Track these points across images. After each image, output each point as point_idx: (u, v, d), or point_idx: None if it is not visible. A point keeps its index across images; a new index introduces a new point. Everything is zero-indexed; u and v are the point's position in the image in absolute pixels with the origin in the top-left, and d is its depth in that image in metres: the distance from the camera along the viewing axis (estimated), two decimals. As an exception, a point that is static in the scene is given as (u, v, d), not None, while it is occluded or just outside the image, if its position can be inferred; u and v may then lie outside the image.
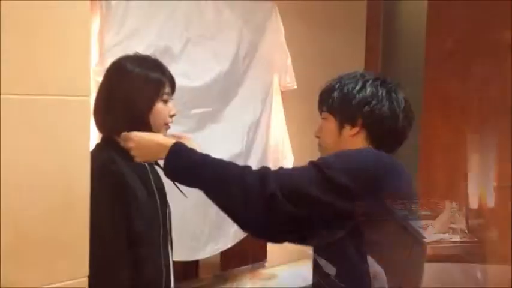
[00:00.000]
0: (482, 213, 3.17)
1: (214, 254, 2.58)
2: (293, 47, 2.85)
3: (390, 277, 1.48)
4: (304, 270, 2.08)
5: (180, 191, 1.59)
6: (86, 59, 1.33)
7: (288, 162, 2.85)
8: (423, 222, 1.77)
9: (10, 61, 1.19)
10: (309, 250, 1.65)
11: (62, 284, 1.29)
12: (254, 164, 2.64)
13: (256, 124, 2.71)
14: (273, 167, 2.74)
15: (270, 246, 2.91)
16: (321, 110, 1.65)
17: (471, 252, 3.04)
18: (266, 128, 2.76)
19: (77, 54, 1.30)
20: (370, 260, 1.47)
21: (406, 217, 1.54)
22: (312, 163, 1.47)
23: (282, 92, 2.86)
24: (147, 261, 1.61)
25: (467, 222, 3.15)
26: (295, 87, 2.84)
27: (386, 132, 1.57)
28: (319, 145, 1.64)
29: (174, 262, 1.74)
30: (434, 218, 2.97)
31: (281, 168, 1.52)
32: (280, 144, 2.84)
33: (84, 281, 1.32)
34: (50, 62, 1.26)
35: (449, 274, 2.73)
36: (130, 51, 1.74)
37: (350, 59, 3.21)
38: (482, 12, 3.06)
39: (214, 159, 1.49)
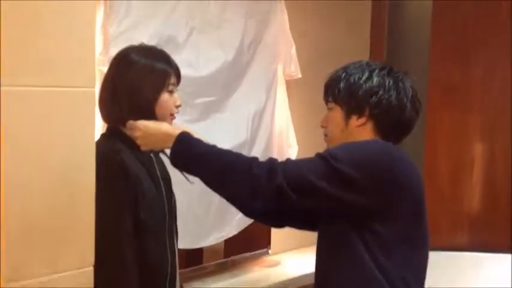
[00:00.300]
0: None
1: (218, 241, 2.60)
2: (297, 35, 2.84)
3: (397, 268, 1.49)
4: (308, 257, 2.08)
5: (187, 179, 1.60)
6: (90, 50, 1.33)
7: (293, 151, 2.85)
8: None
9: (14, 52, 1.19)
10: (312, 237, 1.66)
11: (68, 273, 1.30)
12: (259, 153, 2.65)
13: (260, 113, 2.70)
14: (277, 156, 2.77)
15: (274, 234, 2.92)
16: (326, 100, 1.64)
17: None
18: (270, 117, 2.76)
19: (82, 46, 1.30)
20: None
21: (414, 209, 1.54)
22: (318, 155, 1.48)
23: (287, 81, 2.86)
24: (153, 250, 1.62)
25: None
26: (300, 76, 2.83)
27: (393, 122, 1.56)
28: (325, 135, 1.63)
29: (178, 249, 1.76)
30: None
31: (288, 160, 1.52)
32: (284, 133, 2.84)
33: (90, 270, 1.34)
34: (55, 53, 1.26)
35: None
36: (134, 41, 1.74)
37: (355, 47, 3.20)
38: (486, 4, 3.05)
39: (221, 149, 1.50)
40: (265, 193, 1.43)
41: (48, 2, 1.24)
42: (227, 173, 1.47)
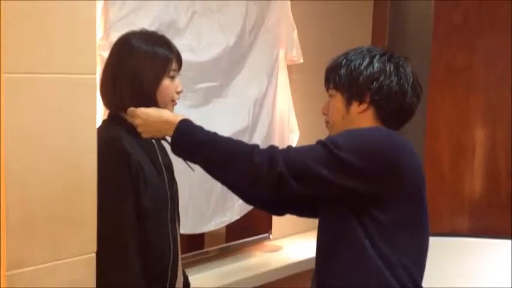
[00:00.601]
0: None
1: (219, 227, 2.60)
2: (300, 20, 2.82)
3: (398, 254, 1.49)
4: (309, 242, 2.09)
5: (189, 165, 1.60)
6: (91, 37, 1.32)
7: (294, 137, 2.84)
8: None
9: (16, 40, 1.18)
10: (313, 222, 1.67)
11: (71, 260, 1.30)
12: (260, 138, 2.65)
13: (262, 98, 2.69)
14: (278, 141, 2.76)
15: (275, 219, 2.92)
16: (327, 87, 1.63)
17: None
18: (272, 102, 2.75)
19: (83, 33, 1.29)
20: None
21: (415, 195, 1.54)
22: (320, 142, 1.47)
23: (288, 66, 2.84)
24: (155, 237, 1.62)
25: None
26: (302, 61, 2.81)
27: (394, 108, 1.56)
28: (327, 122, 1.63)
29: (180, 235, 1.76)
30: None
31: (289, 147, 1.52)
32: (286, 119, 2.83)
33: (92, 257, 1.34)
34: (56, 40, 1.25)
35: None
36: (135, 26, 1.73)
37: (357, 31, 3.18)
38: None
39: (221, 137, 1.49)
40: (266, 180, 1.43)
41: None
42: (228, 160, 1.47)
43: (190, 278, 1.91)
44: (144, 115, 1.54)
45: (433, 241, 1.64)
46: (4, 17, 1.16)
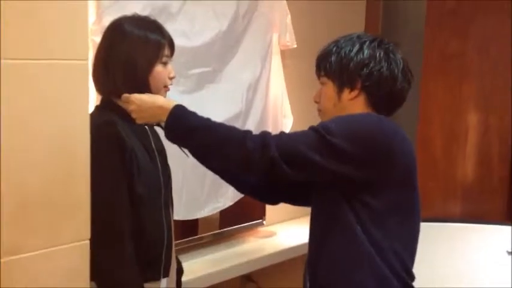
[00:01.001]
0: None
1: (213, 213, 2.61)
2: (293, 4, 2.80)
3: (389, 240, 1.50)
4: (303, 228, 2.10)
5: (183, 151, 1.60)
6: (84, 23, 1.32)
7: (288, 122, 2.84)
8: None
9: (8, 26, 1.17)
10: (307, 208, 1.67)
11: (65, 246, 1.30)
12: (254, 124, 2.64)
13: (255, 83, 2.68)
14: (272, 126, 2.75)
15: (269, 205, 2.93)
16: (318, 75, 1.63)
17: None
18: (265, 87, 2.74)
19: (75, 18, 1.28)
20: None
21: (406, 180, 1.55)
22: (312, 128, 1.48)
23: (282, 51, 2.83)
24: (149, 223, 1.62)
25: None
26: (295, 45, 2.80)
27: (385, 93, 1.57)
28: (319, 110, 1.64)
29: (174, 221, 1.76)
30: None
31: (282, 133, 1.52)
32: (279, 104, 2.83)
33: (86, 243, 1.34)
34: (48, 26, 1.24)
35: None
36: (127, 11, 1.71)
37: (350, 17, 3.17)
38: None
39: (214, 122, 1.49)
40: (258, 166, 1.43)
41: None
42: (221, 146, 1.47)
43: (184, 264, 1.92)
44: (138, 101, 1.53)
45: (425, 226, 1.65)
46: (3, 6, 1.14)
